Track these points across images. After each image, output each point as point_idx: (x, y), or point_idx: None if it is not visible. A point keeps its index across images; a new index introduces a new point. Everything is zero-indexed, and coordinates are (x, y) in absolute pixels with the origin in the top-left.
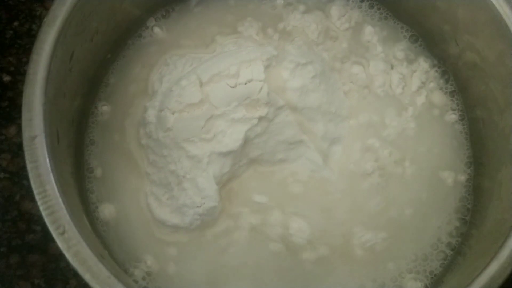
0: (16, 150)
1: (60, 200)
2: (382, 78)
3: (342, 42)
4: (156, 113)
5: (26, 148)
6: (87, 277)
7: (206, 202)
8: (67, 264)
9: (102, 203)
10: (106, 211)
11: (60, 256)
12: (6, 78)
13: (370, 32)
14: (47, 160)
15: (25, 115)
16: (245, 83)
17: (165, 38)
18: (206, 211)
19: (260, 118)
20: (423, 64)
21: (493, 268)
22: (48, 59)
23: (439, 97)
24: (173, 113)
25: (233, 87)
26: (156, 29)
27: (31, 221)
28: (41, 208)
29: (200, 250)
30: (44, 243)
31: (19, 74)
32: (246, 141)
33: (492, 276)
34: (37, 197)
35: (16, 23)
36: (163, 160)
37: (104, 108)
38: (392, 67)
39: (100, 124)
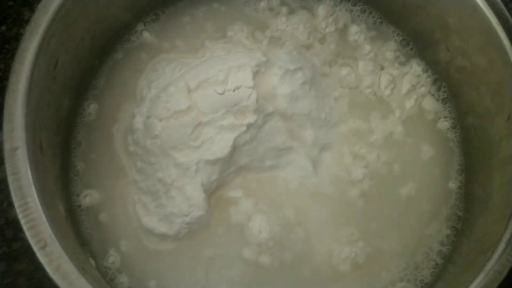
0: (4, 157)
1: (42, 213)
2: (371, 79)
3: (330, 44)
4: (143, 119)
5: (7, 159)
6: None
7: (194, 211)
8: None
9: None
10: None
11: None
12: None
13: (356, 31)
14: (29, 172)
15: (6, 126)
16: (234, 90)
17: (154, 42)
18: (194, 220)
19: (249, 125)
20: (415, 67)
21: (481, 281)
22: (31, 69)
23: (430, 103)
24: (160, 120)
25: (221, 94)
26: (145, 33)
27: (18, 229)
28: (22, 221)
29: (187, 259)
30: (31, 251)
31: (7, 80)
32: (235, 148)
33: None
34: (18, 210)
35: (3, 28)
36: (150, 168)
37: (92, 107)
38: (382, 67)
39: (87, 125)
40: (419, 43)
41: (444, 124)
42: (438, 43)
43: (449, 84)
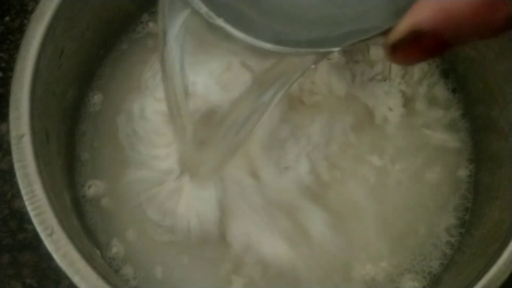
0: (8, 148)
1: (48, 200)
2: (381, 65)
3: None
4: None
5: (13, 147)
6: (76, 279)
7: None
8: None
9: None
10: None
11: (52, 255)
12: None
13: None
14: (35, 159)
15: (12, 113)
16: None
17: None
18: None
19: None
20: None
21: (491, 272)
22: (37, 56)
23: (440, 91)
24: None
25: None
26: (151, 24)
27: (23, 220)
28: (28, 208)
29: (192, 251)
30: (35, 242)
31: (11, 71)
32: None
33: (490, 279)
34: (24, 197)
35: (7, 18)
36: None
37: (96, 98)
38: None
39: (92, 115)
40: None
41: (454, 114)
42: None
43: (456, 75)
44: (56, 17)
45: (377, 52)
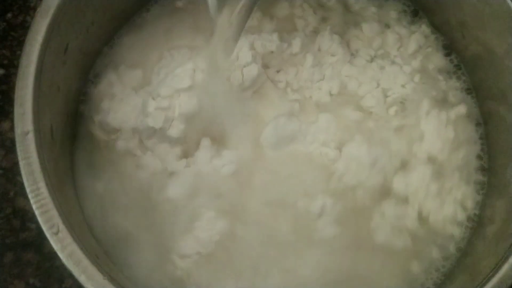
0: (10, 146)
1: (54, 198)
2: (380, 39)
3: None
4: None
5: (18, 144)
6: (82, 278)
7: None
8: (63, 263)
9: None
10: None
11: (55, 254)
12: (0, 71)
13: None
14: (40, 156)
15: (17, 110)
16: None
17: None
18: None
19: None
20: (424, 28)
21: (502, 270)
22: (41, 51)
23: (437, 62)
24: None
25: None
26: None
27: (26, 218)
28: (34, 206)
29: None
30: (39, 241)
31: (13, 67)
32: None
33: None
34: (29, 195)
35: (9, 15)
36: None
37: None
38: (388, 26)
39: None
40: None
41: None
42: (453, 31)
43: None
44: (60, 12)
45: (371, 27)
